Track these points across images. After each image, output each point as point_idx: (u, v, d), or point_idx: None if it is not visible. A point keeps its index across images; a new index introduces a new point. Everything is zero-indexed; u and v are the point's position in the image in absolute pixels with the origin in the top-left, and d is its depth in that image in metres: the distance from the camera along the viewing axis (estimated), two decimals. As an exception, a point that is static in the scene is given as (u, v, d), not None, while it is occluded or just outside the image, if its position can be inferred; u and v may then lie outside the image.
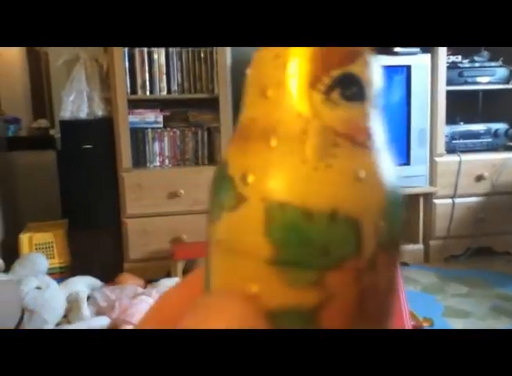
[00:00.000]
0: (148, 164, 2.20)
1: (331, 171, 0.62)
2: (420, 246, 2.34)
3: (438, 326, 1.59)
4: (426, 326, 1.32)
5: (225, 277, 0.43)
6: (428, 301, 1.89)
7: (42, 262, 1.91)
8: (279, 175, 0.57)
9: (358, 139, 0.65)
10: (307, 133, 0.62)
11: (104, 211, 2.14)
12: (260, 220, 0.56)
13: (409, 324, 1.01)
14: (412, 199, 2.33)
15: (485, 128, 2.37)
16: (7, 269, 1.85)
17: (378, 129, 0.72)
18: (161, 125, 2.21)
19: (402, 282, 1.08)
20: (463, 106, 2.40)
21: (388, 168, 0.66)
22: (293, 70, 0.58)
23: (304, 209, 0.58)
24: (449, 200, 2.31)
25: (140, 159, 2.19)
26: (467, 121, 2.39)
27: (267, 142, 0.59)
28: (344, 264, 0.61)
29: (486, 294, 1.94)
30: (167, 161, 2.22)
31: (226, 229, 0.43)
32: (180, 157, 2.23)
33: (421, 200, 2.32)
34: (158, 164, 2.22)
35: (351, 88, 0.60)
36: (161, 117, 2.20)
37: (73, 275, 1.95)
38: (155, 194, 2.12)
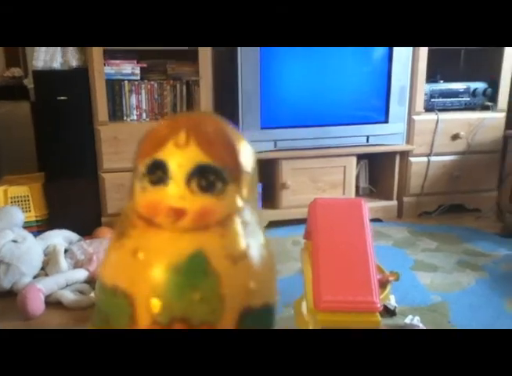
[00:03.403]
0: (125, 118, 2.17)
1: (121, 251, 0.66)
2: (394, 202, 2.39)
3: (406, 279, 1.66)
4: (392, 279, 1.38)
5: None
6: (399, 255, 1.96)
7: (18, 215, 1.90)
8: (104, 255, 0.63)
9: (155, 220, 0.66)
10: (125, 217, 0.73)
11: (81, 164, 2.11)
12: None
13: (375, 278, 1.05)
14: (389, 156, 2.36)
15: (465, 86, 2.38)
16: (-17, 222, 1.84)
17: (192, 206, 0.78)
18: (138, 77, 2.15)
19: (371, 237, 1.12)
20: (444, 64, 2.40)
21: (184, 247, 0.70)
22: (133, 164, 0.65)
23: (102, 284, 0.68)
24: (425, 159, 2.35)
25: (117, 112, 2.15)
26: (447, 80, 2.39)
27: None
28: None
29: (454, 249, 2.01)
30: (144, 115, 2.19)
31: None
32: (158, 111, 2.20)
33: (397, 157, 2.35)
34: (135, 117, 2.18)
35: (155, 174, 0.59)
36: (138, 68, 2.15)
37: (50, 229, 1.95)
38: (132, 148, 2.08)
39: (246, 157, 0.65)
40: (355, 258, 1.02)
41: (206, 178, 0.60)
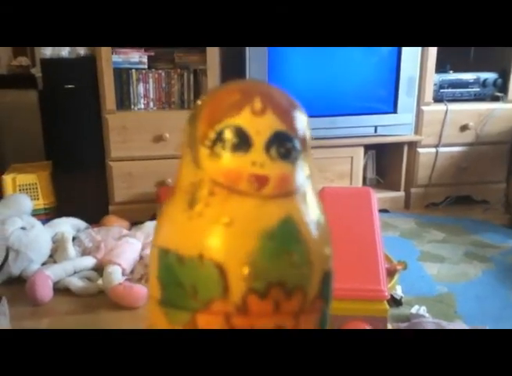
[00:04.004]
0: (132, 107, 2.17)
1: (202, 219, 0.54)
2: (401, 193, 2.38)
3: (413, 269, 1.66)
4: (399, 268, 1.38)
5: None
6: (406, 246, 1.96)
7: (27, 203, 1.91)
8: (166, 224, 0.64)
9: (237, 187, 0.56)
10: (193, 184, 0.68)
11: (89, 153, 2.12)
12: (155, 264, 0.63)
13: (383, 266, 1.05)
14: (397, 147, 2.35)
15: (475, 77, 2.35)
16: (-9, 210, 1.85)
17: (273, 173, 0.73)
18: (146, 66, 2.15)
19: (379, 226, 1.12)
20: (454, 54, 2.37)
21: (273, 214, 0.64)
22: (191, 133, 0.58)
23: (177, 254, 0.64)
24: (433, 149, 2.33)
25: (124, 101, 2.15)
26: (457, 70, 2.37)
27: (172, 196, 0.65)
28: (210, 306, 0.66)
29: (461, 241, 2.01)
30: (151, 104, 2.19)
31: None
32: (165, 100, 2.20)
33: (405, 148, 2.34)
34: (143, 106, 2.18)
35: (232, 139, 0.55)
36: (146, 57, 2.14)
37: (58, 216, 1.96)
38: (140, 137, 2.10)
39: (309, 126, 0.67)
40: (363, 247, 1.02)
41: (284, 145, 0.61)
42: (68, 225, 1.87)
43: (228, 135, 0.59)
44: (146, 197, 2.13)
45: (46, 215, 2.08)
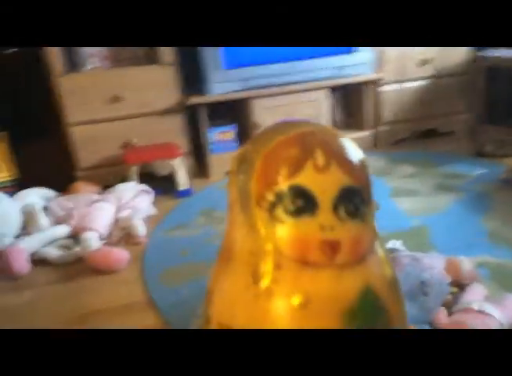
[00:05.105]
0: (83, 68, 2.06)
1: (271, 299, 0.48)
2: (369, 132, 2.40)
3: (385, 206, 1.70)
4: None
5: None
6: (378, 184, 1.98)
7: (-12, 177, 1.83)
8: (226, 298, 0.47)
9: (307, 258, 0.49)
10: (254, 254, 0.48)
11: (44, 119, 2.03)
12: None
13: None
14: (360, 87, 2.34)
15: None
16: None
17: (345, 236, 0.52)
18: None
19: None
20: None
21: (351, 286, 0.49)
22: (242, 189, 0.47)
23: None
24: (396, 86, 2.33)
25: (73, 62, 2.04)
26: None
27: (226, 263, 0.50)
28: None
29: (430, 174, 2.05)
30: (103, 63, 2.08)
31: None
32: (116, 58, 2.09)
33: (367, 87, 2.33)
34: (94, 66, 2.07)
35: (296, 202, 0.48)
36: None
37: (24, 188, 1.90)
38: (96, 99, 2.01)
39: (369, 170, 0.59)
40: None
41: (353, 202, 0.54)
42: (36, 196, 1.81)
43: (290, 197, 0.50)
44: (113, 159, 2.07)
45: (12, 188, 2.00)
